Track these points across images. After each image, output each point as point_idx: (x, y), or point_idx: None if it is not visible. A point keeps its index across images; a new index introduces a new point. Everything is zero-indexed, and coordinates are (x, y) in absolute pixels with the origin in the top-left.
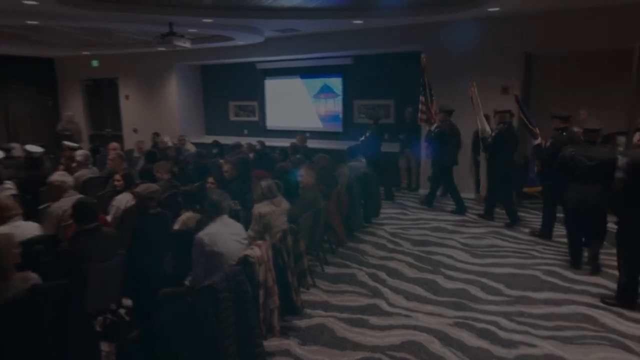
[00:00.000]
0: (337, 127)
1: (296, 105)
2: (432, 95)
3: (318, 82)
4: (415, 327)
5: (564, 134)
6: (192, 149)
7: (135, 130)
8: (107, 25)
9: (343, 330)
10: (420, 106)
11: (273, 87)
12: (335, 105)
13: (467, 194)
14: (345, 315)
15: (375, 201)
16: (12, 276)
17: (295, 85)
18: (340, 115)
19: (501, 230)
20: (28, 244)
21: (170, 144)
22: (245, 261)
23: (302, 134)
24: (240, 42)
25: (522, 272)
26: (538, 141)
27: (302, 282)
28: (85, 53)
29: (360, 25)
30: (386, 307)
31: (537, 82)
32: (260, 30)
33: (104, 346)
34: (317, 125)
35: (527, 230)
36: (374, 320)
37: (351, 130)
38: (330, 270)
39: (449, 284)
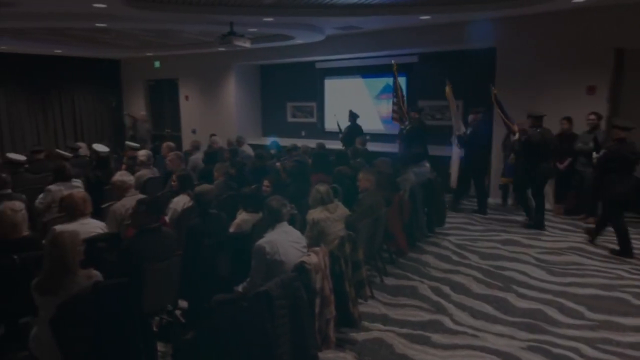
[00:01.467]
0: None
1: (356, 106)
2: (404, 96)
3: (380, 82)
4: (482, 349)
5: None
6: (249, 150)
7: (193, 131)
8: (170, 27)
9: (403, 346)
10: (392, 106)
11: (332, 87)
12: None
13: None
14: (405, 330)
15: (440, 209)
16: (77, 272)
17: (356, 85)
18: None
19: (583, 246)
20: (91, 242)
21: (224, 145)
22: (301, 268)
23: (362, 137)
24: (300, 41)
25: (607, 293)
26: (516, 137)
27: (360, 293)
28: (149, 54)
29: (428, 20)
30: (450, 325)
31: (631, 80)
32: (320, 28)
33: (160, 346)
34: (378, 127)
35: (611, 247)
36: (436, 337)
37: None
38: (389, 281)
39: (522, 303)
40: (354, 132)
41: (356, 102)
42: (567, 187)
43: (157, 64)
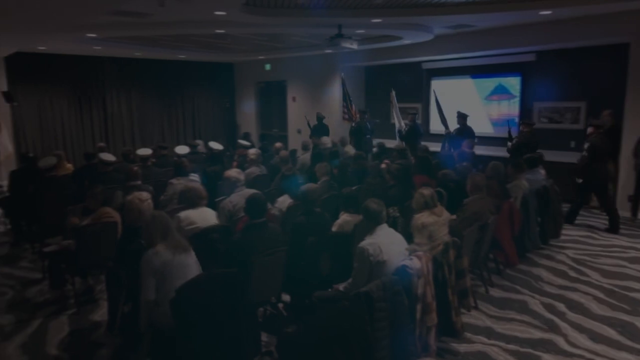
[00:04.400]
0: (512, 133)
1: (464, 108)
2: (351, 101)
3: (491, 82)
4: None
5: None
6: (351, 151)
7: (299, 131)
8: (281, 30)
9: None
10: (342, 108)
11: (439, 88)
12: (510, 108)
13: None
14: (512, 346)
15: (556, 220)
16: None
17: (465, 85)
18: (516, 120)
19: None
20: (206, 233)
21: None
22: (403, 272)
23: (470, 139)
24: (407, 41)
25: None
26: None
27: (463, 303)
28: (260, 57)
29: (548, 16)
30: (564, 346)
31: None
32: (429, 27)
33: (264, 336)
34: (487, 130)
35: None
36: (547, 358)
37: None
38: (495, 293)
39: None
40: (464, 134)
41: (464, 103)
42: None
43: (267, 66)
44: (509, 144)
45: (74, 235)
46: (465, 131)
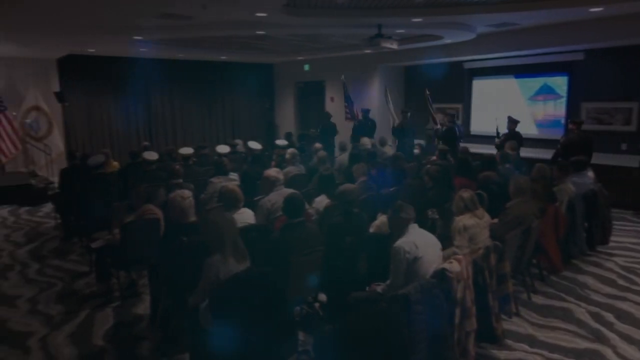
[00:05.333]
0: (558, 134)
1: (507, 108)
2: (352, 102)
3: (536, 82)
4: None
5: None
6: (389, 151)
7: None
8: (320, 31)
9: None
10: (344, 109)
11: (481, 88)
12: (556, 109)
13: None
14: (555, 356)
15: (604, 225)
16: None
17: (508, 85)
18: (562, 121)
19: None
20: (245, 231)
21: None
22: (442, 275)
23: (512, 141)
24: (449, 41)
25: None
26: (438, 126)
27: (504, 308)
28: (300, 58)
29: (599, 13)
30: (612, 357)
31: None
32: (472, 26)
33: (300, 335)
34: (531, 131)
35: None
36: None
37: None
38: (538, 299)
39: None
40: (513, 139)
41: (507, 104)
42: None
43: (306, 67)
44: (497, 140)
45: (119, 231)
46: (513, 136)
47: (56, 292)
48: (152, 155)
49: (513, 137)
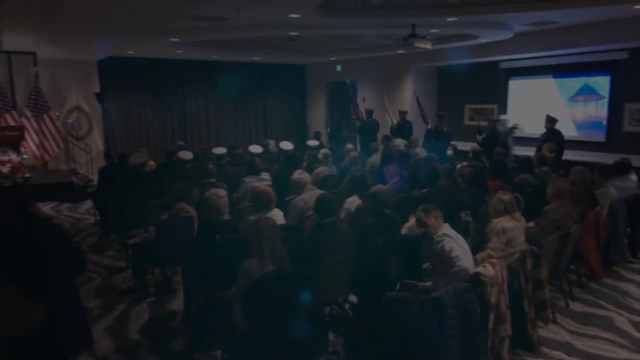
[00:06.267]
0: (599, 136)
1: (545, 109)
2: (357, 104)
3: (576, 82)
4: None
5: None
6: (422, 153)
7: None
8: (353, 32)
9: None
10: (351, 110)
11: (518, 88)
12: (597, 110)
13: None
14: None
15: None
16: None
17: (546, 85)
18: (604, 122)
19: None
20: None
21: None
22: (475, 279)
23: (550, 143)
24: (484, 40)
25: None
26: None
27: (541, 315)
28: (332, 59)
29: None
30: None
31: None
32: (509, 25)
33: (330, 336)
34: (571, 133)
35: None
36: None
37: (618, 140)
38: (576, 307)
39: None
40: (552, 139)
41: (545, 105)
42: None
43: (338, 67)
44: (479, 137)
45: (154, 229)
46: (552, 135)
47: (94, 287)
48: (187, 155)
49: (552, 136)
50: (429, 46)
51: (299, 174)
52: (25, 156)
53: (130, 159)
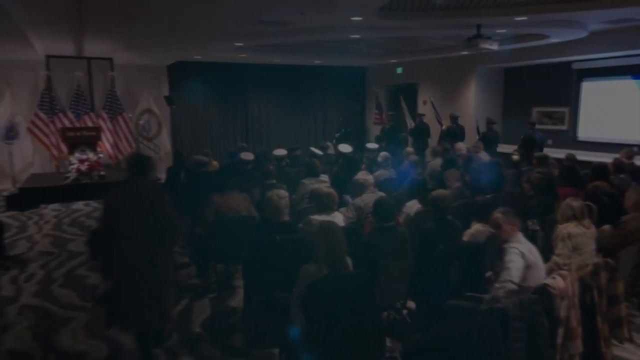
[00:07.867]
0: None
1: (622, 112)
2: (381, 109)
3: None
4: None
5: None
6: (485, 157)
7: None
8: (416, 34)
9: None
10: (374, 114)
11: (592, 90)
12: None
13: None
14: None
15: None
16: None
17: (625, 87)
18: None
19: None
20: None
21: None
22: (544, 291)
23: (628, 148)
24: (555, 40)
25: None
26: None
27: (615, 333)
28: (392, 61)
29: None
30: None
31: None
32: (583, 23)
33: (387, 341)
34: None
35: None
36: None
37: None
38: None
39: None
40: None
41: (623, 107)
42: None
43: (399, 69)
44: (477, 138)
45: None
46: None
47: None
48: (248, 156)
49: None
50: (495, 47)
51: (364, 175)
52: (101, 155)
53: (195, 158)
